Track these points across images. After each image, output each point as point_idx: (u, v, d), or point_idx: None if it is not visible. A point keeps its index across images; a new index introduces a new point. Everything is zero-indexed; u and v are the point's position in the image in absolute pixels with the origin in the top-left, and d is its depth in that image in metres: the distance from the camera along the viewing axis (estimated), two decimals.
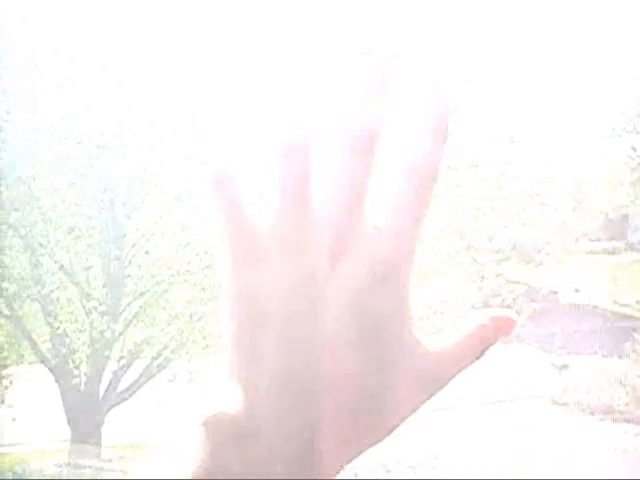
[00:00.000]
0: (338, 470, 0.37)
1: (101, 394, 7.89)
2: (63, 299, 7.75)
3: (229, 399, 0.36)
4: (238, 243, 0.37)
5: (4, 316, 7.85)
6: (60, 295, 7.73)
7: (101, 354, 7.71)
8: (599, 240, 13.75)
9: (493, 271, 9.91)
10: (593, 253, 13.53)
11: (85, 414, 7.75)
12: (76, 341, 7.72)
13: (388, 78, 0.38)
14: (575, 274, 12.60)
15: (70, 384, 7.75)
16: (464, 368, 0.40)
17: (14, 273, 7.80)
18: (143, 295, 7.90)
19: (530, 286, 11.15)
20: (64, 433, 7.82)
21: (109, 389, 7.90)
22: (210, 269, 7.49)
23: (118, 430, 7.84)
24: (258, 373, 0.36)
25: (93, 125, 7.39)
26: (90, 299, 7.68)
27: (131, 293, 7.92)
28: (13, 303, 7.74)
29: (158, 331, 7.82)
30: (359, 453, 0.38)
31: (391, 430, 0.38)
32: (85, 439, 7.70)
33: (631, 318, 11.92)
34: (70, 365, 7.74)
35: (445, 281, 9.13)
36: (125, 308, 7.91)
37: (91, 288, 7.81)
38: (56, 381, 7.83)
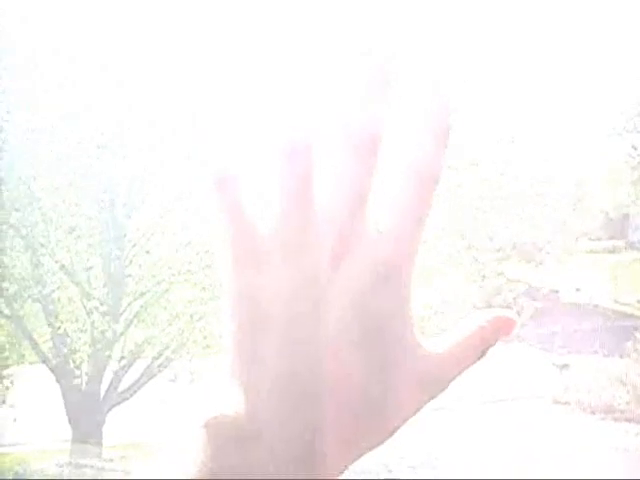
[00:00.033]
0: (340, 472, 0.37)
1: (102, 394, 7.90)
2: (64, 299, 7.76)
3: (230, 401, 0.36)
4: (240, 244, 0.37)
5: (5, 316, 7.86)
6: (61, 295, 7.74)
7: (102, 354, 7.71)
8: (599, 239, 13.76)
9: (494, 270, 9.91)
10: (594, 252, 13.54)
11: (86, 414, 7.76)
12: (77, 341, 7.73)
13: (388, 78, 0.38)
14: (576, 273, 12.61)
15: (71, 384, 7.76)
16: (465, 369, 0.40)
17: (15, 273, 7.81)
18: (144, 295, 7.91)
19: (531, 285, 11.16)
20: (65, 433, 7.83)
21: (110, 389, 7.91)
22: (210, 269, 7.49)
23: (119, 430, 7.85)
24: (259, 376, 0.36)
25: (93, 125, 7.40)
26: (91, 299, 7.69)
27: (132, 293, 7.93)
28: (14, 303, 7.75)
29: (159, 331, 7.83)
30: (361, 455, 0.38)
31: (393, 432, 0.38)
32: (86, 439, 7.71)
33: (632, 317, 11.93)
34: (71, 365, 7.75)
35: (446, 281, 9.14)
36: (126, 308, 7.92)
37: (92, 288, 7.82)
38: (57, 381, 7.84)
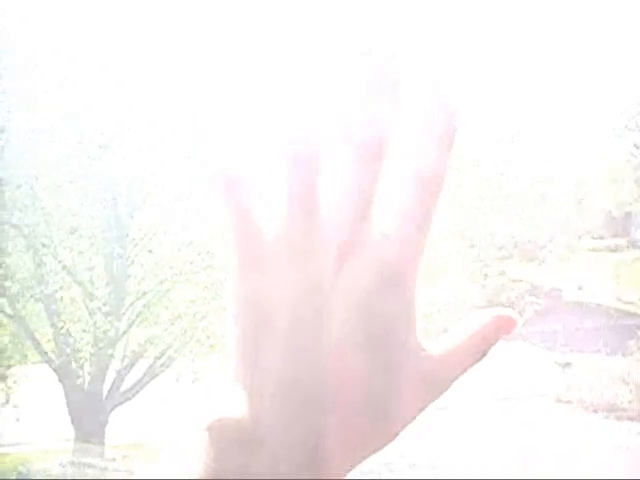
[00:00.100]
0: (344, 474, 0.37)
1: (105, 393, 7.91)
2: (66, 299, 7.78)
3: (234, 404, 0.36)
4: (245, 248, 0.37)
5: (8, 316, 7.88)
6: (63, 295, 7.76)
7: (104, 353, 7.73)
8: (602, 238, 13.76)
9: (496, 269, 9.92)
10: (596, 251, 13.54)
11: (89, 413, 7.77)
12: (79, 341, 7.74)
13: (389, 79, 0.38)
14: (578, 272, 12.61)
15: (74, 384, 7.78)
16: (467, 369, 0.40)
17: (17, 273, 7.83)
18: (146, 294, 7.92)
19: (533, 284, 11.15)
20: (68, 433, 7.85)
21: (113, 388, 7.93)
22: (212, 268, 7.51)
23: (122, 430, 7.87)
24: (263, 380, 0.36)
25: (93, 125, 7.41)
26: (93, 299, 7.70)
27: (134, 292, 7.94)
28: (16, 303, 7.77)
29: (161, 330, 7.85)
30: (364, 458, 0.38)
31: (396, 434, 0.38)
32: (89, 438, 7.72)
33: (634, 316, 11.92)
34: (74, 365, 7.77)
35: (448, 280, 9.15)
36: (128, 307, 7.94)
37: (94, 288, 7.84)
38: (60, 381, 7.86)
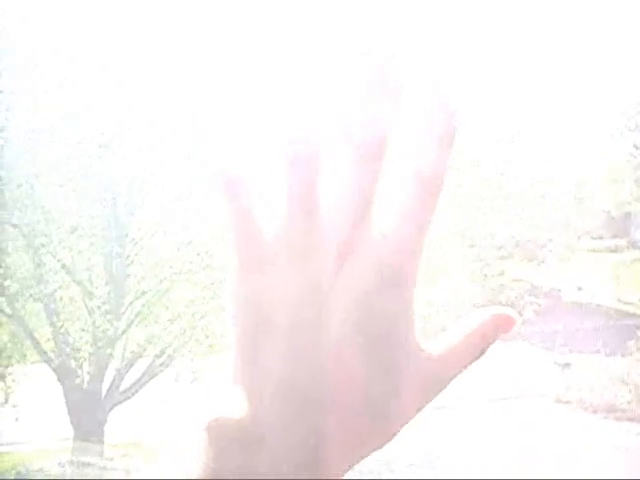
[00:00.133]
0: (343, 474, 0.37)
1: (104, 393, 7.91)
2: (65, 298, 7.77)
3: (233, 404, 0.36)
4: (245, 248, 0.37)
5: (7, 315, 7.88)
6: (62, 294, 7.76)
7: (104, 353, 7.73)
8: (601, 238, 13.76)
9: (496, 269, 9.92)
10: (595, 251, 13.53)
11: (88, 413, 7.77)
12: (79, 340, 7.74)
13: (389, 79, 0.38)
14: (578, 272, 12.60)
15: (73, 383, 7.77)
16: (466, 367, 0.40)
17: (16, 272, 7.83)
18: (145, 294, 7.93)
19: (532, 284, 11.15)
20: (67, 432, 7.85)
21: (112, 388, 7.92)
22: (212, 268, 7.51)
23: (121, 429, 7.86)
24: (262, 379, 0.36)
25: (93, 125, 7.41)
26: (92, 298, 7.70)
27: (133, 292, 7.94)
28: (15, 302, 7.76)
29: (161, 330, 7.85)
30: (363, 457, 0.38)
31: (395, 434, 0.38)
32: (88, 438, 7.72)
33: (634, 316, 11.92)
34: (73, 364, 7.76)
35: (448, 280, 9.14)
36: (128, 307, 7.94)
37: (93, 287, 7.83)
38: (59, 380, 7.85)
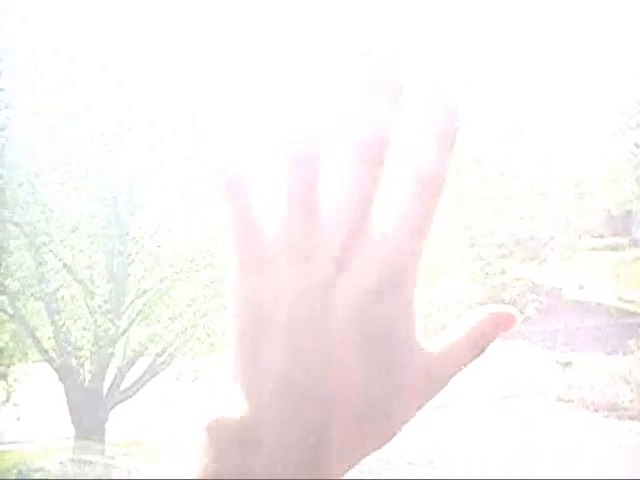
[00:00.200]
0: (343, 473, 0.37)
1: (105, 391, 7.92)
2: (67, 297, 7.78)
3: (232, 403, 0.36)
4: (245, 248, 0.37)
5: (8, 314, 7.88)
6: (64, 293, 7.76)
7: (105, 351, 7.73)
8: (602, 236, 13.75)
9: (497, 268, 9.92)
10: (596, 250, 13.52)
11: (89, 411, 7.77)
12: (80, 339, 7.75)
13: (389, 79, 0.38)
14: (579, 271, 12.60)
15: (74, 382, 7.78)
16: (465, 365, 0.40)
17: (18, 271, 7.83)
18: (146, 293, 7.93)
19: (534, 283, 11.15)
20: (68, 431, 7.85)
21: (113, 386, 7.93)
22: (213, 266, 7.51)
23: (122, 428, 7.87)
24: (262, 379, 0.36)
25: (93, 125, 7.41)
26: (94, 297, 7.70)
27: (134, 291, 7.95)
28: (17, 301, 7.77)
29: (162, 329, 7.85)
30: (363, 457, 0.38)
31: (395, 433, 0.38)
32: (89, 436, 7.73)
33: (635, 314, 11.91)
34: (74, 363, 7.77)
35: (449, 279, 9.14)
36: (129, 306, 7.95)
37: (95, 286, 7.84)
38: (60, 379, 7.86)
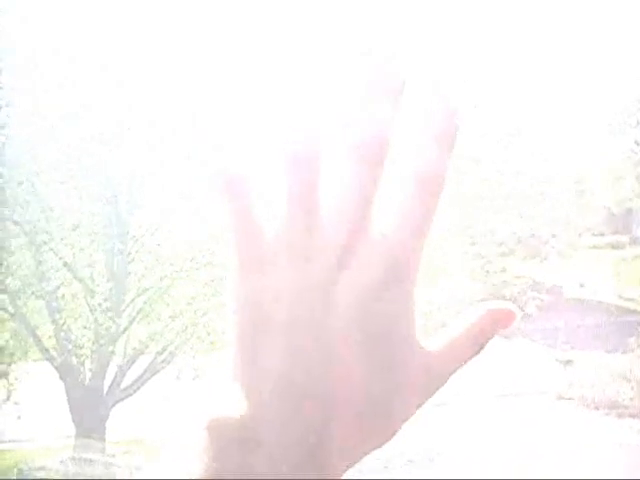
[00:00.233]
0: (341, 474, 0.37)
1: (105, 390, 7.92)
2: (67, 295, 7.78)
3: (233, 403, 0.36)
4: (245, 247, 0.37)
5: (8, 313, 7.88)
6: (64, 292, 7.77)
7: (105, 350, 7.73)
8: (602, 235, 13.74)
9: (498, 266, 9.92)
10: (597, 248, 13.51)
11: (89, 410, 7.78)
12: (80, 337, 7.75)
13: (389, 79, 0.38)
14: (579, 269, 12.59)
15: (75, 380, 7.78)
16: (465, 362, 0.40)
17: (18, 270, 7.83)
18: (147, 291, 7.93)
19: (534, 281, 11.15)
20: (69, 430, 7.85)
21: (113, 385, 7.93)
22: (213, 265, 7.51)
23: (123, 426, 7.87)
24: (262, 378, 0.36)
25: (93, 125, 7.41)
26: (94, 295, 7.71)
27: (135, 289, 7.95)
28: (17, 300, 7.77)
29: (162, 327, 7.86)
30: (363, 456, 0.38)
31: (395, 432, 0.38)
32: (89, 435, 7.73)
33: (635, 312, 11.91)
34: (75, 361, 7.77)
35: (449, 278, 9.14)
36: (129, 304, 7.95)
37: (95, 284, 7.84)
38: (61, 377, 7.86)
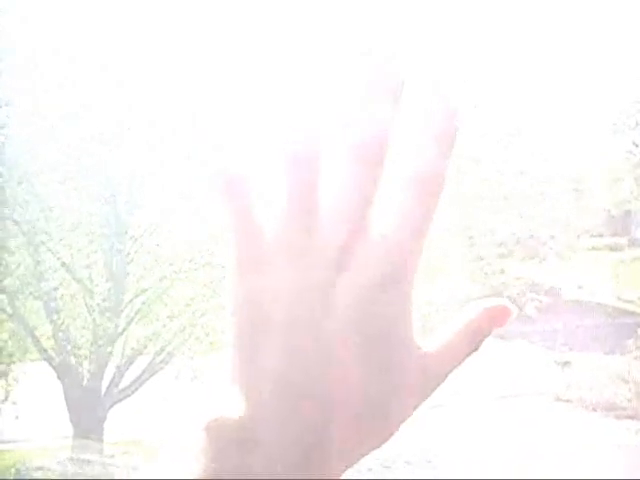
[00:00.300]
0: (339, 474, 0.37)
1: (103, 390, 7.92)
2: (66, 296, 7.78)
3: (231, 403, 0.36)
4: (244, 248, 0.37)
5: (6, 313, 7.88)
6: (63, 292, 7.77)
7: (104, 350, 7.73)
8: (601, 236, 13.75)
9: (496, 268, 9.92)
10: (595, 249, 13.52)
11: (88, 410, 7.77)
12: (79, 338, 7.75)
13: (389, 79, 0.38)
14: (578, 270, 12.59)
15: (73, 381, 7.78)
16: (462, 361, 0.40)
17: (16, 270, 7.83)
18: (145, 292, 7.93)
19: (533, 282, 11.15)
20: (67, 430, 7.85)
21: (111, 385, 7.93)
22: (212, 266, 7.51)
23: (121, 427, 7.87)
24: (260, 379, 0.36)
25: (93, 125, 7.41)
26: (92, 296, 7.71)
27: (133, 290, 7.95)
28: (15, 300, 7.77)
29: (160, 327, 7.86)
30: (362, 457, 0.38)
31: (393, 433, 0.38)
32: (87, 435, 7.73)
33: (634, 314, 11.91)
34: (73, 362, 7.77)
35: (448, 279, 9.15)
36: (127, 305, 7.95)
37: (93, 285, 7.84)
38: (59, 378, 7.86)
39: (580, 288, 12.78)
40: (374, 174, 0.38)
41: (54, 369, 7.84)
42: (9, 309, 7.82)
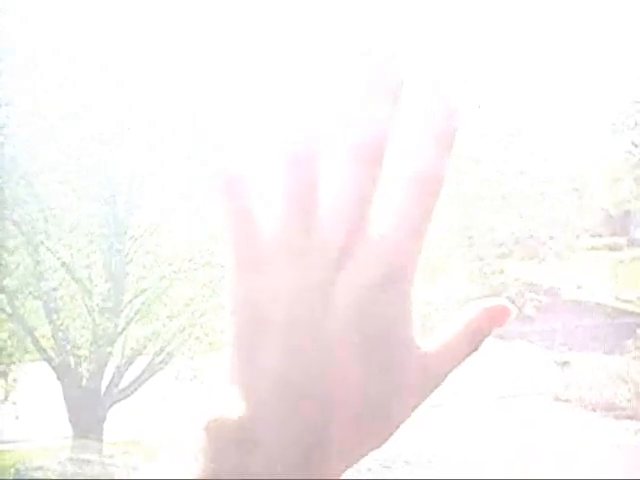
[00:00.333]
0: (339, 474, 0.37)
1: (103, 390, 7.92)
2: (65, 296, 7.78)
3: (231, 403, 0.36)
4: (244, 248, 0.37)
5: (6, 313, 7.88)
6: (62, 292, 7.77)
7: (103, 350, 7.73)
8: (600, 236, 13.76)
9: (496, 267, 9.93)
10: (595, 249, 13.53)
11: (87, 410, 7.78)
12: (78, 338, 7.75)
13: (389, 79, 0.38)
14: (577, 270, 12.60)
15: (72, 381, 7.78)
16: (461, 361, 0.40)
17: (16, 270, 7.84)
18: (145, 292, 7.93)
19: (532, 282, 11.16)
20: (66, 430, 7.85)
21: (111, 385, 7.93)
22: (211, 266, 7.52)
23: (120, 427, 7.87)
24: (260, 379, 0.36)
25: (93, 125, 7.41)
26: (92, 296, 7.71)
27: (133, 290, 7.95)
28: (15, 300, 7.77)
29: (160, 327, 7.86)
30: (361, 457, 0.38)
31: (393, 433, 0.38)
32: (87, 435, 7.73)
33: (633, 314, 11.92)
34: (72, 362, 7.77)
35: (447, 279, 9.15)
36: (127, 305, 7.95)
37: (93, 285, 7.84)
38: (58, 378, 7.86)
39: (579, 288, 12.79)
40: (373, 174, 0.37)
41: (54, 369, 7.85)
42: (9, 309, 7.82)
